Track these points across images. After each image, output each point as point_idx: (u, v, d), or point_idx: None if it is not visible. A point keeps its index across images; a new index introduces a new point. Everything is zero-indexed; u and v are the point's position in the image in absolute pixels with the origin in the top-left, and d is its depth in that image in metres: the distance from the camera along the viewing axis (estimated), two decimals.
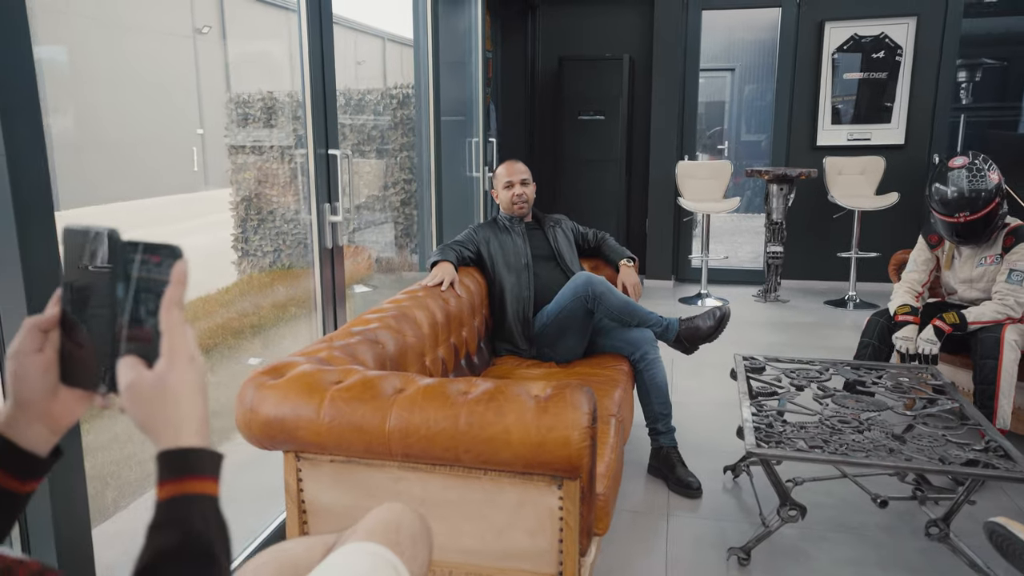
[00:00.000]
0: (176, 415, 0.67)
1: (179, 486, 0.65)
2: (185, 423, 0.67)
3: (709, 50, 6.26)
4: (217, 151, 5.75)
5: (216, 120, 5.71)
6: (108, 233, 0.67)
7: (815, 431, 2.18)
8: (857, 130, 5.91)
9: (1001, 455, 2.04)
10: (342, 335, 2.02)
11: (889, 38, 5.76)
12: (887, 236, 5.77)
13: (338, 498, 1.74)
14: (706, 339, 2.75)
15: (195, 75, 5.83)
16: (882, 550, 2.30)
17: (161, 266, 0.68)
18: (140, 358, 0.67)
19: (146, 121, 5.01)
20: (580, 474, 1.58)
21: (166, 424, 0.66)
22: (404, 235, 6.03)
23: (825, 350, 4.39)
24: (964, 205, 2.74)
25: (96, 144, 4.38)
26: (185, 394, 0.67)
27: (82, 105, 4.18)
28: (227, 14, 6.30)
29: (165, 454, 0.66)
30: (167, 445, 0.66)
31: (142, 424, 0.67)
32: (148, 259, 0.68)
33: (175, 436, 0.66)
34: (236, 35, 6.31)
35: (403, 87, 5.76)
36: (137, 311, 0.68)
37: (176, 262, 0.68)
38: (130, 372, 0.66)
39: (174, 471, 0.66)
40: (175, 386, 0.67)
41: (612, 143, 6.01)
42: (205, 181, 5.80)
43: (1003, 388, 2.65)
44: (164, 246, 0.68)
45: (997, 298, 2.77)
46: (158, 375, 0.66)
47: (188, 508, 0.64)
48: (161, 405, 0.66)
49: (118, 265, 0.67)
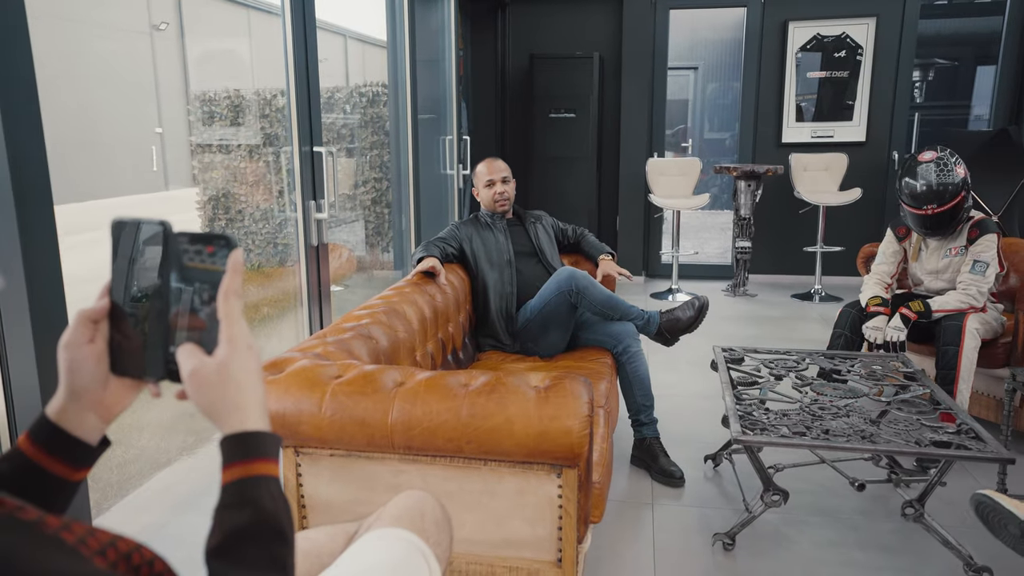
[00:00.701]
0: (240, 400, 0.69)
1: (247, 468, 0.67)
2: (250, 407, 0.69)
3: (673, 49, 6.36)
4: (178, 150, 5.66)
5: (176, 119, 5.61)
6: (160, 225, 0.69)
7: (797, 418, 2.25)
8: (820, 128, 6.06)
9: (972, 437, 2.13)
10: (335, 331, 2.02)
11: (850, 38, 5.93)
12: (851, 231, 5.94)
13: (338, 492, 1.75)
14: (687, 329, 2.81)
15: (153, 73, 5.72)
16: (860, 532, 2.38)
17: (215, 256, 0.70)
18: (198, 346, 0.69)
19: (102, 120, 4.91)
20: (580, 462, 1.62)
21: (231, 409, 0.68)
22: (375, 234, 6.00)
23: (795, 342, 4.50)
24: (932, 198, 2.84)
25: (50, 143, 4.29)
26: (247, 379, 0.69)
27: None
28: (185, 11, 6.19)
29: (232, 438, 0.68)
30: (233, 429, 0.68)
31: (207, 409, 0.69)
32: (202, 249, 0.70)
33: (241, 420, 0.68)
34: (195, 32, 6.20)
35: (373, 85, 5.74)
36: (192, 301, 0.69)
37: (232, 252, 0.69)
38: (192, 359, 0.68)
39: (241, 454, 0.67)
40: (238, 372, 0.68)
41: (583, 140, 6.07)
42: (165, 181, 5.71)
43: (962, 373, 2.76)
44: (218, 236, 0.70)
45: (961, 288, 2.88)
46: (221, 362, 0.68)
47: (257, 489, 0.66)
48: (225, 391, 0.68)
49: (171, 256, 0.69)
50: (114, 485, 2.68)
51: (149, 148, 5.59)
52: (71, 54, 4.46)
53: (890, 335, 2.91)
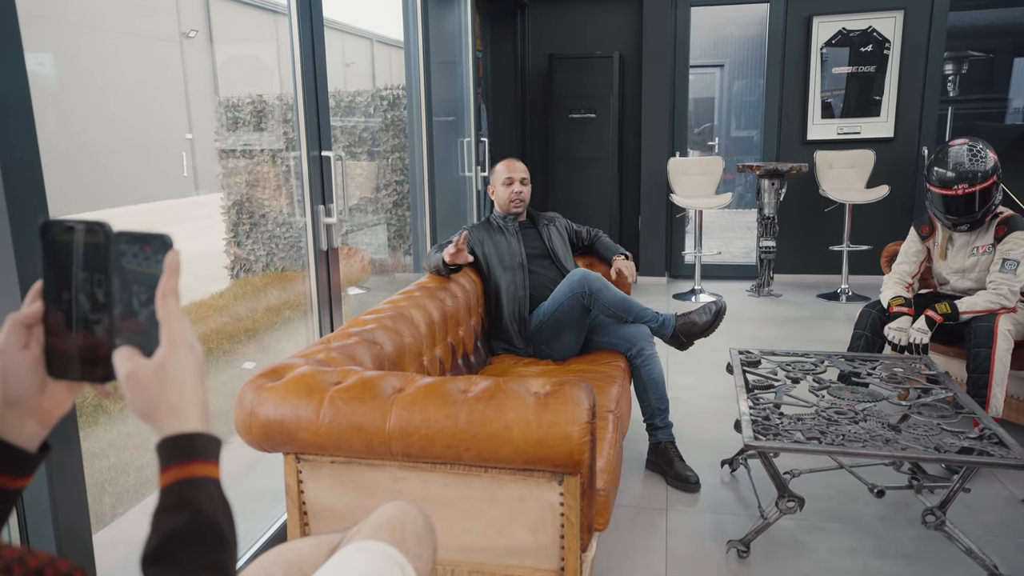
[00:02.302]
0: (179, 401, 0.67)
1: (185, 470, 0.66)
2: (188, 409, 0.68)
3: (698, 46, 6.29)
4: (207, 156, 5.74)
5: (205, 124, 5.69)
6: (100, 225, 0.67)
7: (812, 423, 2.19)
8: (847, 124, 5.94)
9: (995, 442, 2.05)
10: (339, 336, 2.02)
11: (877, 31, 5.80)
12: (878, 229, 5.81)
13: (339, 499, 1.74)
14: (702, 334, 2.77)
15: (183, 80, 5.81)
16: (879, 539, 2.32)
17: (151, 256, 0.68)
18: (136, 348, 0.68)
19: (134, 127, 4.99)
20: (581, 470, 1.59)
21: (169, 411, 0.67)
22: (397, 236, 6.03)
23: (819, 343, 4.41)
24: (963, 178, 2.77)
25: (83, 151, 4.36)
26: (187, 380, 0.68)
27: (68, 112, 4.16)
28: (214, 18, 6.28)
29: (170, 440, 0.67)
30: (171, 431, 0.67)
31: (144, 412, 0.68)
32: (139, 250, 0.68)
33: (179, 422, 0.67)
34: (223, 39, 6.28)
35: (393, 88, 5.76)
36: (129, 302, 0.68)
37: (168, 252, 0.68)
38: (128, 362, 0.67)
39: (179, 456, 0.66)
40: (176, 373, 0.67)
41: (603, 141, 6.02)
42: (195, 186, 5.79)
43: (996, 377, 2.68)
44: (154, 236, 0.69)
45: (991, 287, 2.79)
46: (159, 363, 0.67)
47: (195, 491, 0.65)
48: (163, 392, 0.67)
49: (112, 257, 0.68)
50: (131, 490, 2.71)
51: (180, 154, 5.68)
52: (105, 63, 4.55)
53: (914, 337, 2.83)
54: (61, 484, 1.42)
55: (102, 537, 2.26)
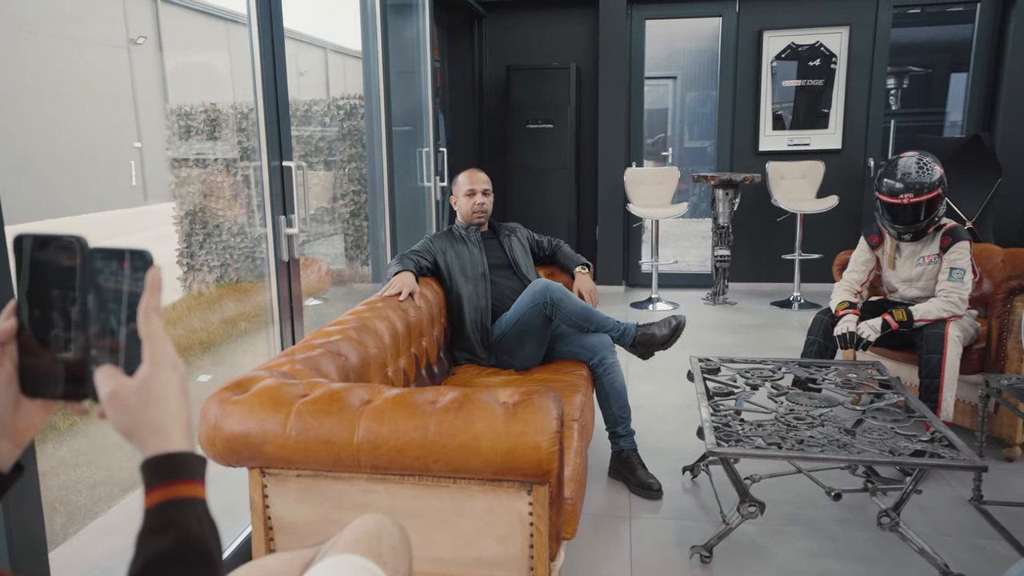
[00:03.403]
0: (163, 421, 0.66)
1: (170, 490, 0.64)
2: (172, 428, 0.66)
3: (651, 59, 6.39)
4: (157, 165, 5.60)
5: (154, 133, 5.56)
6: (76, 240, 0.66)
7: (772, 428, 2.24)
8: (797, 136, 6.11)
9: (946, 445, 2.13)
10: (303, 348, 1.99)
11: (824, 47, 5.98)
12: (828, 238, 5.98)
13: (305, 513, 1.72)
14: (661, 346, 2.80)
15: (131, 87, 5.68)
16: (837, 541, 2.37)
17: (131, 273, 0.67)
18: (117, 367, 0.66)
19: (80, 134, 4.86)
20: (549, 479, 1.60)
21: (153, 430, 0.66)
22: (354, 247, 5.97)
23: (774, 349, 4.51)
24: (910, 188, 2.87)
25: (28, 159, 4.23)
26: (171, 399, 0.67)
27: (10, 119, 4.03)
28: (163, 24, 6.15)
29: (154, 460, 0.65)
30: (155, 451, 0.66)
31: (127, 431, 0.66)
32: (117, 267, 0.67)
33: (163, 441, 0.66)
34: (173, 46, 6.16)
35: (350, 98, 5.72)
36: (107, 320, 0.67)
37: (149, 268, 0.67)
38: (110, 381, 0.65)
39: (165, 476, 0.65)
40: (160, 392, 0.66)
41: (561, 151, 6.08)
42: (144, 195, 5.65)
43: (947, 382, 2.77)
44: (134, 252, 0.67)
45: (942, 296, 2.89)
46: (142, 382, 0.66)
47: (182, 512, 0.64)
48: (146, 412, 0.66)
49: (87, 273, 0.66)
50: (83, 508, 2.62)
51: (128, 162, 5.54)
52: (51, 69, 4.41)
53: (863, 331, 2.91)
54: (17, 502, 1.37)
55: (55, 557, 2.18)
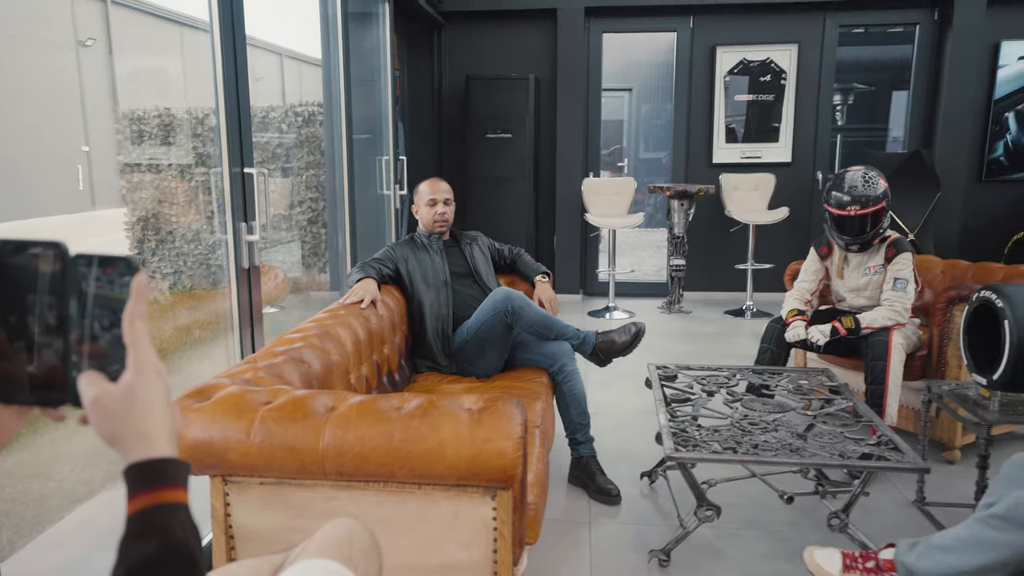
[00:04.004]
0: (147, 427, 0.67)
1: (155, 496, 0.65)
2: (156, 434, 0.67)
3: (607, 71, 6.50)
4: (106, 169, 5.47)
5: (104, 137, 5.43)
6: (54, 246, 0.66)
7: (728, 433, 2.30)
8: (749, 148, 6.28)
9: (892, 448, 2.21)
10: (266, 355, 1.98)
11: (774, 63, 6.16)
12: (779, 248, 6.15)
13: (268, 521, 1.70)
14: (620, 353, 2.85)
15: (79, 89, 5.54)
16: (790, 543, 2.44)
17: (115, 279, 0.67)
18: (100, 372, 0.67)
19: (23, 137, 4.72)
20: (514, 484, 1.62)
21: (137, 437, 0.66)
22: (312, 254, 5.92)
23: (728, 357, 4.61)
24: (857, 200, 3.00)
25: None
26: (155, 405, 0.67)
27: None
28: (113, 26, 6.02)
29: (138, 465, 0.66)
30: (139, 456, 0.66)
31: (111, 437, 0.67)
32: (100, 273, 0.67)
33: (147, 447, 0.66)
34: (124, 49, 6.04)
35: (308, 105, 5.68)
36: (91, 327, 0.67)
37: (134, 275, 0.67)
38: (93, 387, 0.66)
39: (149, 482, 0.66)
40: (144, 398, 0.67)
41: (520, 161, 6.13)
42: (92, 201, 5.52)
43: (891, 388, 2.88)
44: (118, 259, 0.67)
45: (887, 305, 3.01)
46: (126, 387, 0.66)
47: (166, 517, 0.64)
48: (130, 418, 0.66)
49: (67, 280, 0.66)
50: (29, 521, 2.55)
51: (75, 167, 5.40)
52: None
53: (813, 335, 3.01)
54: None
55: (2, 571, 2.12)
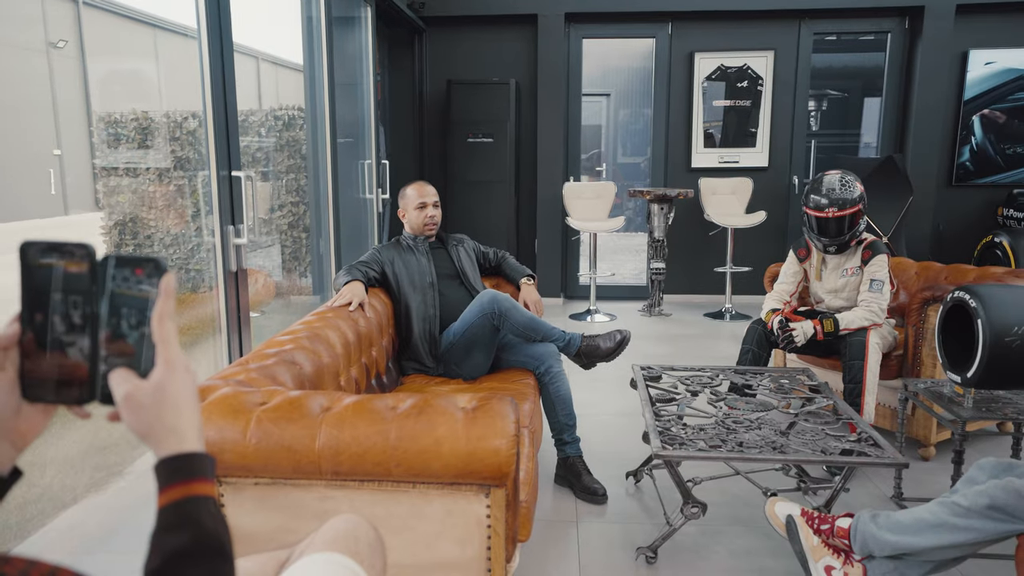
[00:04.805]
0: (178, 422, 0.69)
1: (186, 489, 0.67)
2: (187, 429, 0.70)
3: (586, 76, 6.57)
4: (80, 173, 5.42)
5: (77, 140, 5.38)
6: (83, 247, 0.68)
7: (713, 432, 2.35)
8: (727, 153, 6.37)
9: (871, 444, 2.27)
10: (257, 357, 1.99)
11: (751, 69, 6.27)
12: (757, 252, 6.24)
13: (263, 521, 1.71)
14: (604, 358, 2.88)
15: (50, 92, 5.48)
16: (773, 539, 2.49)
17: (143, 280, 0.69)
18: (131, 370, 0.69)
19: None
20: (507, 482, 1.64)
21: (168, 432, 0.69)
22: (293, 259, 5.90)
23: (709, 358, 4.68)
24: (834, 203, 3.07)
25: None
26: (185, 402, 0.70)
27: None
28: (85, 28, 5.96)
29: (169, 460, 0.68)
30: (171, 451, 0.68)
31: (143, 433, 0.69)
32: (130, 273, 0.69)
33: (179, 442, 0.69)
34: (97, 51, 5.98)
35: (289, 108, 5.67)
36: (119, 326, 0.69)
37: (163, 275, 0.69)
38: (126, 384, 0.68)
39: (180, 475, 0.68)
40: (175, 395, 0.69)
41: (501, 165, 6.16)
42: (65, 205, 5.46)
43: (868, 386, 2.95)
44: (147, 259, 0.70)
45: (863, 305, 3.08)
46: (157, 384, 0.68)
47: (197, 509, 0.66)
48: (162, 413, 0.68)
49: (95, 281, 0.68)
50: (13, 527, 2.52)
51: (46, 171, 5.34)
52: None
53: (797, 334, 3.07)
54: None
55: None
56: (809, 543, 2.12)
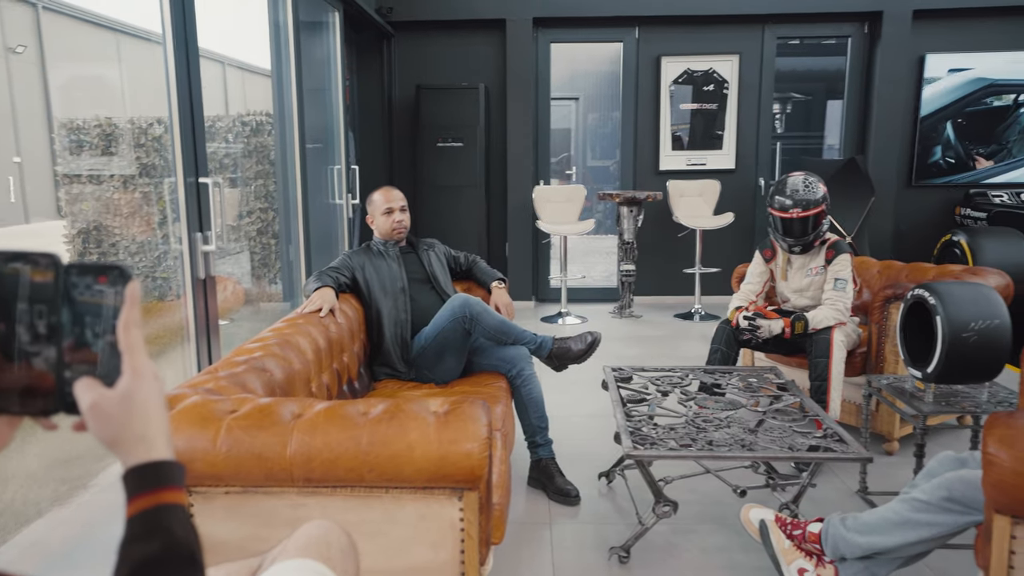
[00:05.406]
0: (146, 431, 0.68)
1: (155, 497, 0.67)
2: (155, 437, 0.69)
3: (555, 80, 6.62)
4: (40, 181, 5.33)
5: (38, 147, 5.29)
6: (48, 257, 0.67)
7: (683, 431, 2.38)
8: (694, 156, 6.46)
9: (837, 440, 2.32)
10: (227, 365, 1.97)
11: (717, 73, 6.36)
12: (725, 252, 6.33)
13: (234, 530, 1.70)
14: (576, 360, 2.90)
15: (8, 98, 5.38)
16: (743, 536, 2.52)
17: (107, 288, 0.69)
18: (96, 378, 0.68)
19: None
20: (480, 485, 1.65)
21: (138, 440, 0.68)
22: (262, 265, 5.85)
23: (679, 358, 4.73)
24: (798, 203, 3.14)
25: None
26: (153, 410, 0.69)
27: None
28: (45, 33, 5.86)
29: (138, 469, 0.68)
30: (139, 460, 0.68)
31: (110, 442, 0.68)
32: (92, 281, 0.68)
33: (147, 451, 0.68)
34: (57, 56, 5.87)
35: (257, 114, 5.62)
36: (83, 334, 0.68)
37: (128, 283, 0.69)
38: (91, 393, 0.67)
39: (149, 484, 0.67)
40: (143, 403, 0.68)
41: (471, 169, 6.18)
42: (26, 213, 5.36)
43: (833, 383, 3.01)
44: (111, 267, 0.69)
45: (829, 304, 3.15)
46: (124, 393, 0.68)
47: (167, 517, 0.66)
48: (130, 422, 0.68)
49: (59, 290, 0.67)
50: None
51: (6, 178, 5.24)
52: None
53: (763, 330, 3.12)
54: None
55: None
56: (781, 546, 2.16)
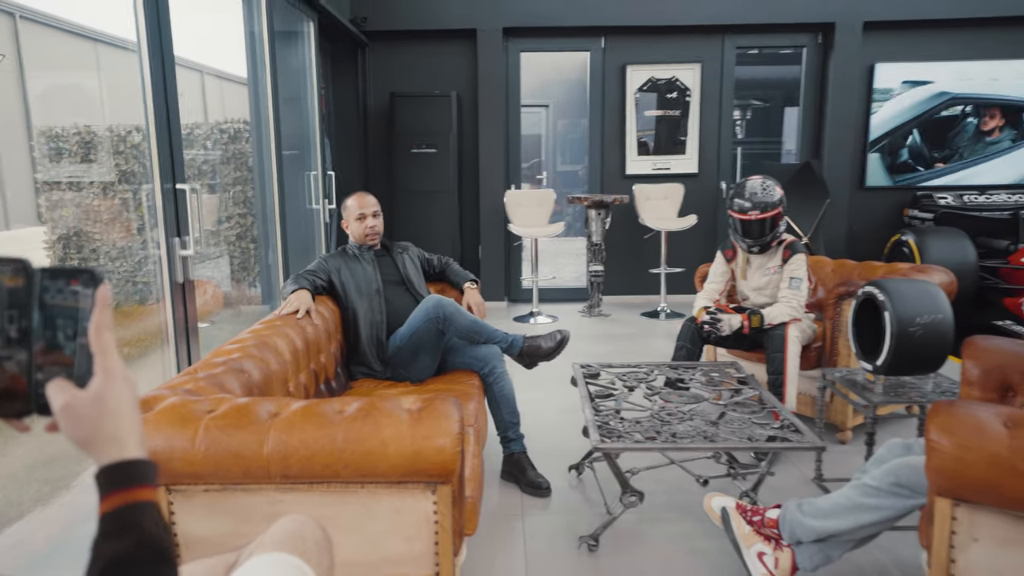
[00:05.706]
0: (118, 431, 0.69)
1: (127, 495, 0.67)
2: (127, 437, 0.70)
3: (525, 88, 6.73)
4: (20, 188, 5.31)
5: (17, 155, 5.27)
6: (18, 261, 0.69)
7: (648, 424, 2.49)
8: (659, 161, 6.61)
9: (793, 431, 2.44)
10: (205, 366, 2.03)
11: (680, 81, 6.52)
12: (689, 253, 6.49)
13: (214, 527, 1.75)
14: (546, 358, 3.00)
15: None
16: (706, 523, 2.64)
17: (79, 291, 0.70)
18: (69, 380, 0.69)
19: None
20: (453, 478, 1.73)
21: (110, 440, 0.69)
22: (241, 269, 5.88)
23: (646, 355, 4.86)
24: (756, 206, 3.27)
25: None
26: (125, 410, 0.70)
27: None
28: (24, 42, 5.83)
29: (111, 467, 0.69)
30: (112, 459, 0.69)
31: (83, 442, 0.69)
32: (64, 284, 0.69)
33: (119, 450, 0.69)
34: (37, 65, 5.85)
35: (234, 122, 5.66)
36: (54, 337, 0.69)
37: (99, 286, 0.70)
38: (63, 394, 0.68)
39: (121, 482, 0.68)
40: (115, 403, 0.69)
41: (444, 174, 6.26)
42: (6, 220, 5.34)
43: (789, 376, 3.15)
44: (82, 270, 0.70)
45: (784, 301, 3.28)
46: (96, 394, 0.68)
47: (140, 515, 0.67)
48: (102, 422, 0.68)
49: (31, 294, 0.69)
50: None
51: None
52: None
53: (721, 318, 3.25)
54: None
55: None
56: (741, 532, 2.27)
